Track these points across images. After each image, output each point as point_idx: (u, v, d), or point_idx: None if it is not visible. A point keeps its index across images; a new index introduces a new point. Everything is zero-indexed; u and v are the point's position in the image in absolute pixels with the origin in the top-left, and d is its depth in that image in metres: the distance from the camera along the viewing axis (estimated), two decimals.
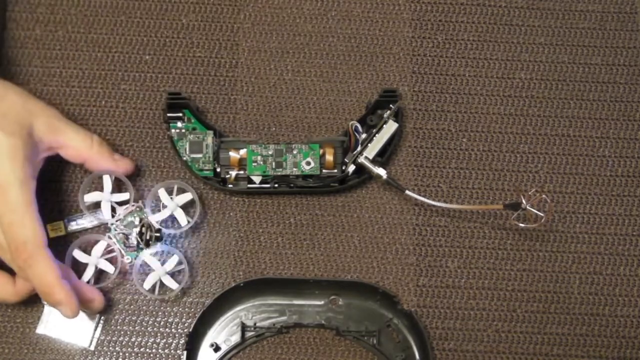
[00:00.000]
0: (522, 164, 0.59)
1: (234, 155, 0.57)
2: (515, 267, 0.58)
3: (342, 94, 0.60)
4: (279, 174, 0.56)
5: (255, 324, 0.56)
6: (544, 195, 0.53)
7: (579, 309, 0.57)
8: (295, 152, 0.57)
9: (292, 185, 0.57)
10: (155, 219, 0.55)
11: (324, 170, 0.57)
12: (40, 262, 0.49)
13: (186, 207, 0.56)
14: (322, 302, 0.56)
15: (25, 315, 0.56)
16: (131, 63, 0.60)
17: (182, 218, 0.56)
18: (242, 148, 0.57)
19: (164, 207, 0.56)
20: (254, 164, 0.56)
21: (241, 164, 0.57)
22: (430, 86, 0.60)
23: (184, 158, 0.57)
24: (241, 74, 0.60)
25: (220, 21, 0.61)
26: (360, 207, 0.58)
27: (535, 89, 0.61)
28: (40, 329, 0.55)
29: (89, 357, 0.56)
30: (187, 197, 0.56)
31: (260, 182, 0.57)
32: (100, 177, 0.56)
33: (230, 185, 0.57)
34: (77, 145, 0.54)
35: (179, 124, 0.57)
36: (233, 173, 0.57)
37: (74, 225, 0.56)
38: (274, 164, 0.56)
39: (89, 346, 0.55)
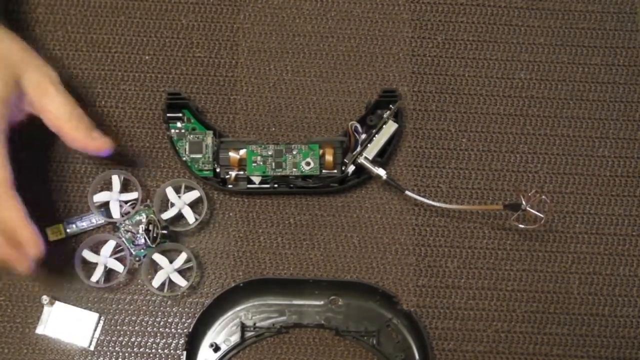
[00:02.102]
0: (522, 164, 0.59)
1: (233, 155, 0.57)
2: (514, 267, 0.58)
3: (341, 94, 0.60)
4: (279, 174, 0.56)
5: (254, 324, 0.56)
6: (543, 196, 0.53)
7: (578, 309, 0.57)
8: (294, 152, 0.57)
9: (291, 185, 0.57)
10: (163, 217, 0.56)
11: (323, 171, 0.57)
12: (8, 202, 0.49)
13: (192, 206, 0.57)
14: (321, 302, 0.56)
15: (25, 315, 0.56)
16: (131, 63, 0.60)
17: (190, 216, 0.56)
18: (242, 148, 0.57)
19: (172, 205, 0.56)
20: (253, 164, 0.56)
21: (241, 164, 0.57)
22: (430, 86, 0.60)
23: (184, 158, 0.57)
24: (241, 74, 0.60)
25: (220, 21, 0.61)
26: (360, 208, 0.58)
27: (535, 89, 0.61)
28: (40, 329, 0.55)
29: (89, 357, 0.56)
30: (194, 195, 0.56)
31: (260, 183, 0.57)
32: (109, 178, 0.56)
33: (230, 186, 0.57)
34: (56, 113, 0.52)
35: (179, 124, 0.57)
36: (233, 173, 0.57)
37: (73, 228, 0.56)
38: (273, 164, 0.56)
39: (89, 346, 0.55)
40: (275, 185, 0.57)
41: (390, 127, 0.57)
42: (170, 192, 0.56)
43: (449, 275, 0.57)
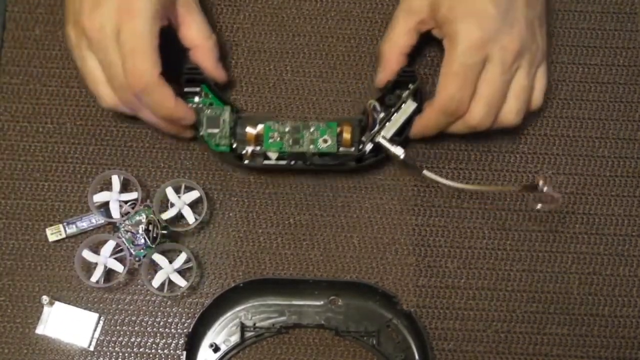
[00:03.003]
0: (521, 164, 0.59)
1: (250, 131, 0.56)
2: (514, 267, 0.58)
3: (341, 94, 0.60)
4: (296, 150, 0.56)
5: (254, 324, 0.56)
6: (560, 178, 0.53)
7: (578, 310, 0.57)
8: (312, 129, 0.56)
9: (308, 162, 0.56)
10: (163, 217, 0.56)
11: (340, 149, 0.56)
12: (162, 91, 0.53)
13: (192, 206, 0.57)
14: (321, 303, 0.56)
15: (25, 315, 0.56)
16: None
17: (190, 216, 0.56)
18: (260, 124, 0.56)
19: (172, 205, 0.56)
20: (270, 140, 0.56)
21: (258, 140, 0.56)
22: (430, 86, 0.60)
23: (201, 133, 0.56)
24: (241, 74, 0.60)
25: (220, 21, 0.61)
26: (360, 208, 0.58)
27: None
28: (40, 329, 0.55)
29: (89, 357, 0.56)
30: (194, 195, 0.56)
31: (277, 159, 0.57)
32: (109, 178, 0.57)
33: (246, 162, 0.57)
34: (197, 30, 0.56)
35: (196, 99, 0.57)
36: (249, 149, 0.56)
37: (73, 228, 0.57)
38: (290, 140, 0.56)
39: (89, 346, 0.55)
40: (292, 162, 0.57)
41: (409, 107, 0.57)
42: (170, 192, 0.56)
43: (448, 275, 0.57)
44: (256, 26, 0.61)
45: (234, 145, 0.57)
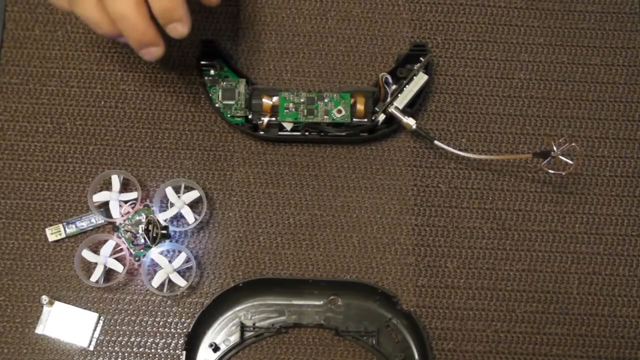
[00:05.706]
0: (521, 164, 0.59)
1: (266, 101, 0.57)
2: (514, 267, 0.58)
3: None
4: (310, 120, 0.57)
5: (254, 324, 0.56)
6: (573, 143, 0.54)
7: (578, 309, 0.57)
8: (326, 100, 0.57)
9: (322, 133, 0.57)
10: (162, 217, 0.56)
11: (354, 119, 0.57)
12: None
13: (191, 206, 0.57)
14: (321, 302, 0.56)
15: (25, 315, 0.56)
16: (130, 63, 0.60)
17: (190, 216, 0.56)
18: (274, 95, 0.57)
19: (171, 205, 0.56)
20: (285, 110, 0.57)
21: (273, 111, 0.57)
22: (430, 86, 0.60)
23: (217, 105, 0.57)
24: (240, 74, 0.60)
25: (220, 21, 0.61)
26: (360, 208, 0.58)
27: (534, 89, 0.61)
28: (40, 329, 0.55)
29: (88, 357, 0.56)
30: (194, 195, 0.56)
31: (291, 130, 0.58)
32: (109, 177, 0.57)
33: (261, 132, 0.57)
34: None
35: (212, 72, 0.58)
36: (265, 119, 0.57)
37: (73, 228, 0.57)
38: (305, 111, 0.57)
39: (88, 346, 0.55)
40: (307, 133, 0.57)
41: (420, 79, 0.58)
42: (170, 192, 0.56)
43: (448, 275, 0.57)
44: (256, 26, 0.61)
45: (250, 117, 0.57)
